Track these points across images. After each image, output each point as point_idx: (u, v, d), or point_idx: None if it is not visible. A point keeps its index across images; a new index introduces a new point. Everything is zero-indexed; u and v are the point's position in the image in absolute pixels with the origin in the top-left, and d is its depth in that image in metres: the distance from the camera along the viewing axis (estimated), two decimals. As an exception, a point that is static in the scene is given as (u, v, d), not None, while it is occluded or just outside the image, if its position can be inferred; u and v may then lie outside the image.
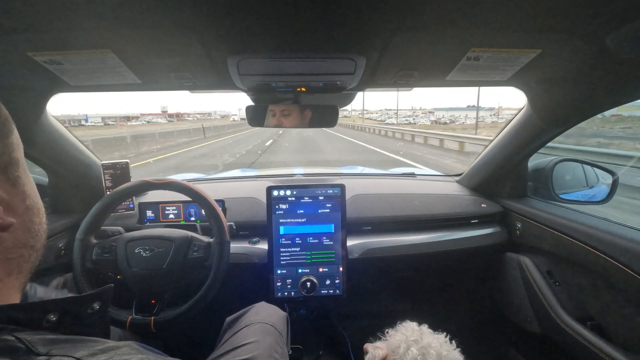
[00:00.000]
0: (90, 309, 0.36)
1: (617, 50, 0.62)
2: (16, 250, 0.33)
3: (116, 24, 0.56)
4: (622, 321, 0.85)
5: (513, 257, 1.20)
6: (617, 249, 0.82)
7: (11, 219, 0.32)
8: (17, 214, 0.33)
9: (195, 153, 11.75)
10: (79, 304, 0.35)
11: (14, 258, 0.33)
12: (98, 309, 0.36)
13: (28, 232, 0.35)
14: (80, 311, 0.35)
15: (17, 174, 0.34)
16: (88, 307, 0.36)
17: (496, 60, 0.73)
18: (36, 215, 0.36)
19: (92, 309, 0.36)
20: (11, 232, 0.32)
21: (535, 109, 0.99)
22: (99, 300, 0.37)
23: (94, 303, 0.36)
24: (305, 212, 1.11)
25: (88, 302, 0.36)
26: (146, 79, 0.81)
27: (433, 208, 1.27)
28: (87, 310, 0.35)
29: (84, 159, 1.15)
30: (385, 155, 9.95)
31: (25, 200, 0.34)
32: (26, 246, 0.34)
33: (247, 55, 0.69)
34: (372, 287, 1.48)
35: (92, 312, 0.36)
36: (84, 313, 0.35)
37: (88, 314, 0.35)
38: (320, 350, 1.27)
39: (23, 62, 0.67)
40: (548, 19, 0.57)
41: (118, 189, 0.93)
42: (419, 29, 0.60)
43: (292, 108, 0.97)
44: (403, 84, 0.90)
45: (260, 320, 0.82)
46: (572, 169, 1.24)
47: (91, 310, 0.36)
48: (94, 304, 0.36)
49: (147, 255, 0.87)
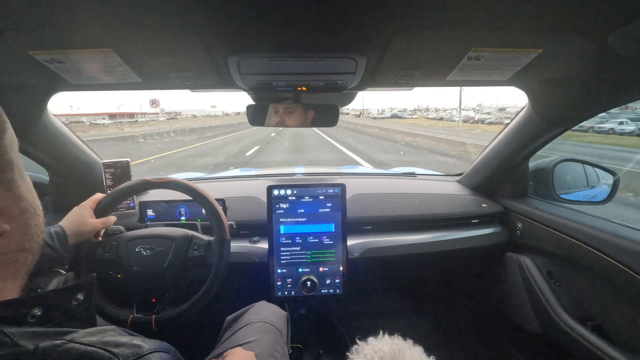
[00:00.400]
0: (74, 301, 0.36)
1: (619, 50, 0.62)
2: (11, 255, 0.33)
3: (117, 24, 0.56)
4: (622, 321, 0.85)
5: (513, 257, 1.20)
6: (617, 249, 0.82)
7: (5, 225, 0.31)
8: (11, 219, 0.32)
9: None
10: (63, 296, 0.35)
11: (10, 263, 0.33)
12: (82, 299, 0.36)
13: (24, 235, 0.34)
14: (64, 303, 0.35)
15: (11, 177, 0.33)
16: (72, 299, 0.35)
17: (497, 60, 0.73)
18: (32, 217, 0.35)
19: (76, 300, 0.36)
20: (6, 237, 0.32)
21: (536, 109, 0.98)
22: (82, 291, 0.36)
23: (78, 294, 0.36)
24: (305, 212, 1.11)
25: (71, 293, 0.36)
26: (147, 78, 0.81)
27: (433, 208, 1.27)
28: (72, 302, 0.35)
29: (84, 158, 1.16)
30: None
31: (19, 203, 0.34)
32: (22, 249, 0.34)
33: (247, 55, 0.69)
34: (372, 286, 1.48)
35: (77, 304, 0.36)
36: (68, 305, 0.35)
37: (73, 306, 0.35)
38: (320, 350, 1.27)
39: (24, 61, 0.67)
40: (549, 19, 0.57)
41: (118, 188, 0.93)
42: (420, 29, 0.60)
43: (295, 107, 0.97)
44: (404, 83, 0.90)
45: (261, 319, 0.82)
46: (573, 169, 1.24)
47: (76, 302, 0.36)
48: (78, 295, 0.36)
49: (148, 254, 0.87)
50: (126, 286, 0.87)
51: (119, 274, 0.89)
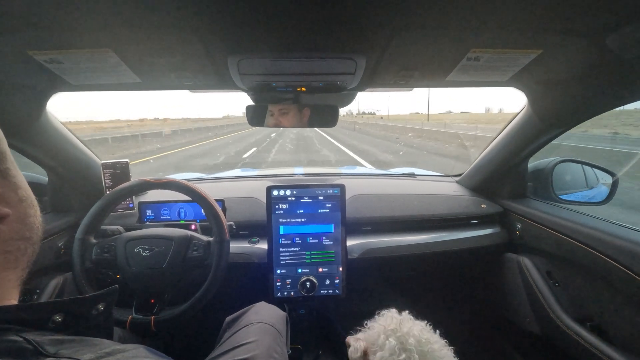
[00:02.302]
0: (95, 310, 0.35)
1: (618, 51, 0.62)
2: (13, 243, 0.33)
3: (116, 23, 0.56)
4: (621, 322, 0.85)
5: (513, 258, 1.20)
6: (616, 249, 0.82)
7: (6, 209, 0.32)
8: (11, 206, 0.33)
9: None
10: (84, 305, 0.35)
11: (11, 251, 0.33)
12: (103, 310, 0.36)
13: (23, 224, 0.34)
14: (85, 312, 0.35)
15: (6, 166, 0.33)
16: (93, 308, 0.35)
17: (496, 61, 0.73)
18: (30, 207, 0.36)
19: (97, 310, 0.36)
20: (7, 224, 0.32)
21: (536, 110, 0.98)
22: (103, 302, 0.36)
23: (99, 304, 0.36)
24: (305, 212, 1.11)
25: (93, 303, 0.36)
26: (146, 78, 0.81)
27: (433, 208, 1.27)
28: (92, 312, 0.35)
29: (84, 158, 1.15)
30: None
31: (17, 191, 0.34)
32: (23, 238, 0.34)
33: (247, 55, 0.69)
34: (372, 287, 1.48)
35: (97, 314, 0.35)
36: (89, 314, 0.35)
37: (93, 315, 0.35)
38: (320, 350, 1.27)
39: (23, 61, 0.67)
40: (548, 20, 0.57)
41: (117, 189, 0.92)
42: (420, 29, 0.60)
43: (294, 107, 0.97)
44: (403, 84, 0.90)
45: (260, 320, 0.82)
46: (572, 170, 1.24)
47: (96, 312, 0.35)
48: (99, 305, 0.36)
49: (147, 255, 0.87)
50: (125, 287, 0.87)
51: (118, 274, 0.89)
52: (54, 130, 1.02)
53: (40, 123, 0.94)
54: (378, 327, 0.71)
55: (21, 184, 0.35)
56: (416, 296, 1.54)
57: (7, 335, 0.27)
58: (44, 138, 0.99)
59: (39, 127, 0.94)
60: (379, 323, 0.72)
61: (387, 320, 0.71)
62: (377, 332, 0.69)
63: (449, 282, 1.54)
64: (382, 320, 0.72)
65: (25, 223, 0.35)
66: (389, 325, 0.69)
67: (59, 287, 0.98)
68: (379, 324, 0.72)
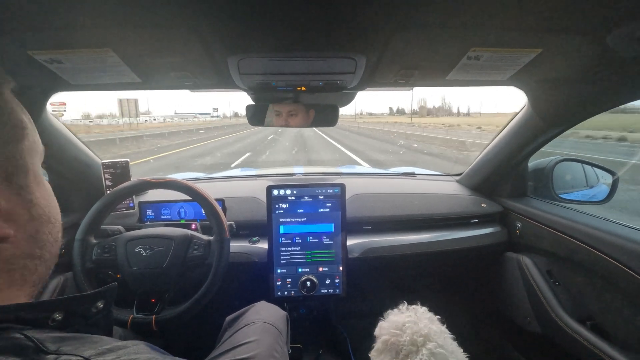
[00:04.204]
0: (94, 308, 0.36)
1: (618, 50, 0.62)
2: (19, 261, 0.32)
3: (116, 23, 0.56)
4: (621, 321, 0.85)
5: (513, 257, 1.20)
6: (617, 249, 0.82)
7: (9, 230, 0.31)
8: (18, 224, 0.32)
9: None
10: (84, 303, 0.35)
11: (15, 269, 0.32)
12: (102, 307, 0.36)
13: (33, 242, 0.33)
14: (85, 310, 0.35)
15: (24, 182, 0.33)
16: (92, 306, 0.36)
17: (497, 60, 0.73)
18: (44, 224, 0.35)
19: (96, 307, 0.36)
20: (12, 243, 0.31)
21: (536, 109, 0.98)
22: (103, 299, 0.36)
23: (98, 302, 0.36)
24: (305, 212, 1.11)
25: (92, 300, 0.36)
26: (146, 78, 0.80)
27: (433, 207, 1.27)
28: (92, 309, 0.35)
29: (84, 158, 1.15)
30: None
31: (30, 209, 0.33)
32: (31, 257, 0.33)
33: (247, 55, 0.69)
34: (372, 286, 1.48)
35: (96, 311, 0.36)
36: (88, 312, 0.35)
37: (92, 313, 0.35)
38: (320, 350, 1.27)
39: (23, 61, 0.67)
40: (549, 19, 0.57)
41: (118, 188, 0.92)
42: (420, 28, 0.60)
43: (294, 107, 0.97)
44: (403, 83, 0.90)
45: (260, 319, 0.82)
46: (572, 169, 1.24)
47: (95, 309, 0.36)
48: (98, 302, 0.36)
49: (147, 254, 0.87)
50: (126, 286, 0.87)
51: (119, 274, 0.89)
52: (54, 130, 1.01)
53: (40, 123, 0.94)
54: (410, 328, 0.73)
55: (38, 200, 0.34)
56: (416, 295, 1.55)
57: (8, 333, 0.27)
58: (44, 138, 0.98)
59: (38, 126, 0.93)
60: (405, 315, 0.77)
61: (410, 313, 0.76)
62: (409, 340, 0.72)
63: (449, 282, 1.55)
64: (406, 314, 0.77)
65: (35, 241, 0.34)
66: (421, 330, 0.72)
67: (60, 287, 0.99)
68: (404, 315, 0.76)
